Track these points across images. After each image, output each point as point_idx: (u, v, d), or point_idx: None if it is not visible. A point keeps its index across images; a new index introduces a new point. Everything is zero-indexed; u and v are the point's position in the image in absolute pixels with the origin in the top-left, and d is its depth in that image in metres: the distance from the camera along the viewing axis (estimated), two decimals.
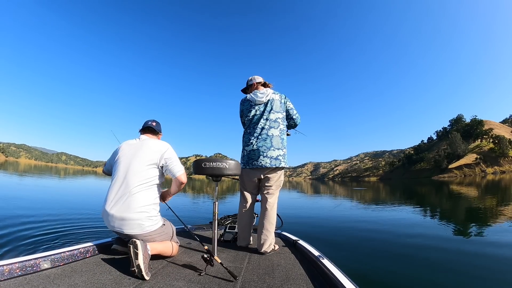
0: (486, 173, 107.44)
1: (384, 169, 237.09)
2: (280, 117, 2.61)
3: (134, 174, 1.97)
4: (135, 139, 2.22)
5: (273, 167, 2.48)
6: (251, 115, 2.63)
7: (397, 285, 3.09)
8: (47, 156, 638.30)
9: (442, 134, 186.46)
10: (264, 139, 2.51)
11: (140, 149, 2.08)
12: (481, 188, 24.97)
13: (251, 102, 2.65)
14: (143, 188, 1.95)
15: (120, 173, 1.99)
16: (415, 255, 4.04)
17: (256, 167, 2.51)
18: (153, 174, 2.05)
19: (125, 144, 2.18)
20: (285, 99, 2.70)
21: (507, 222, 7.02)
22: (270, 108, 2.59)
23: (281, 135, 2.57)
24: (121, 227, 1.87)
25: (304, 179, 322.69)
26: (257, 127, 2.57)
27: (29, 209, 6.67)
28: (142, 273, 1.61)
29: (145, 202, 1.93)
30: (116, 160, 2.09)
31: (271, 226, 2.42)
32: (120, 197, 1.90)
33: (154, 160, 2.06)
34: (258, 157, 2.49)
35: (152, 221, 1.95)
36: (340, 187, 39.02)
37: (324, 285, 1.63)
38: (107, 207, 1.90)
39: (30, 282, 1.49)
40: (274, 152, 2.48)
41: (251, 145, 2.54)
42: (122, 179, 1.96)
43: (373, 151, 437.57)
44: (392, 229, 6.12)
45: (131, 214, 1.86)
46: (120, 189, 1.93)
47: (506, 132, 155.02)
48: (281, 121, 2.61)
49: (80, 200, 10.28)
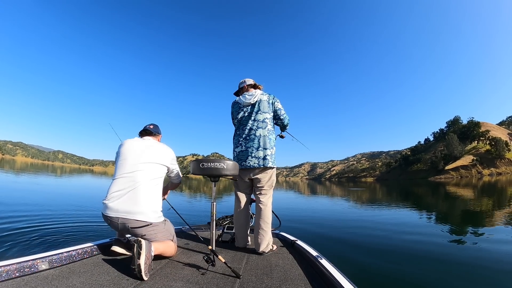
0: (483, 175, 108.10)
1: (380, 169, 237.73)
2: (268, 117, 2.63)
3: (142, 170, 2.00)
4: (141, 138, 2.25)
5: (261, 167, 2.51)
6: (240, 117, 2.67)
7: (395, 285, 3.10)
8: (44, 154, 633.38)
9: (439, 136, 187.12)
10: (252, 140, 2.55)
11: (149, 148, 2.12)
12: (478, 190, 25.11)
13: (240, 104, 2.69)
14: (149, 184, 2.00)
15: (126, 169, 2.00)
16: (413, 255, 4.06)
17: (245, 167, 2.54)
18: (160, 172, 2.12)
19: (130, 141, 2.18)
20: (274, 99, 2.71)
21: (503, 222, 7.07)
22: (258, 109, 2.61)
23: (269, 135, 2.59)
24: (126, 217, 1.88)
25: (301, 179, 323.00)
26: (245, 128, 2.61)
27: (27, 209, 6.61)
28: (142, 273, 1.62)
29: (150, 196, 1.98)
30: (120, 156, 2.10)
31: (267, 226, 2.43)
32: (127, 192, 1.92)
33: (163, 161, 2.14)
34: (246, 158, 2.53)
35: (156, 214, 2.00)
36: (336, 188, 39.12)
37: (323, 285, 1.63)
38: (111, 201, 1.91)
39: (28, 284, 1.47)
40: (262, 152, 2.51)
41: (240, 146, 2.60)
42: (129, 174, 1.98)
43: (370, 151, 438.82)
44: (390, 229, 6.14)
45: (137, 207, 1.89)
46: (127, 183, 1.94)
47: (502, 134, 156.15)
48: (269, 121, 2.63)
49: (78, 199, 10.22)
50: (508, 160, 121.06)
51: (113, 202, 1.91)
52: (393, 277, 3.28)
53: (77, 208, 7.51)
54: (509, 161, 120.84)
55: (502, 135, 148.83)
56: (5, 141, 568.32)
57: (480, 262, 3.77)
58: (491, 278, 3.24)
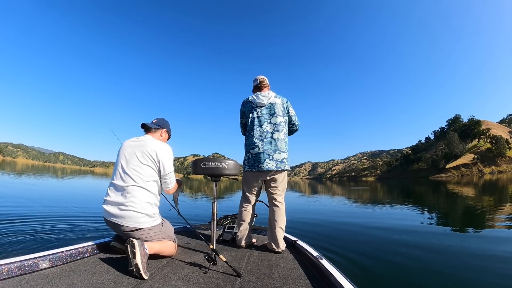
0: (484, 173, 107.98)
1: (381, 168, 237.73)
2: (283, 120, 2.66)
3: (131, 171, 1.98)
4: (136, 137, 2.21)
5: (279, 169, 2.53)
6: (253, 117, 2.65)
7: (396, 285, 3.09)
8: (45, 156, 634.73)
9: (440, 134, 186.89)
10: (270, 142, 2.56)
11: (140, 148, 2.08)
12: (479, 188, 25.05)
13: (253, 104, 2.68)
14: (140, 186, 1.96)
15: (119, 170, 2.02)
16: (414, 256, 4.04)
17: (261, 170, 2.53)
18: (151, 175, 2.04)
19: (126, 142, 2.19)
20: (287, 103, 2.74)
21: (504, 221, 7.06)
22: (274, 112, 2.63)
23: (285, 138, 2.63)
24: (118, 222, 1.88)
25: (302, 179, 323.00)
26: (261, 130, 2.60)
27: (27, 208, 6.62)
28: (140, 272, 1.61)
29: (142, 200, 1.94)
30: (117, 157, 2.12)
31: (284, 225, 2.49)
32: (119, 193, 1.93)
33: (151, 163, 2.05)
34: (264, 160, 2.52)
35: (149, 217, 1.96)
36: (337, 187, 39.05)
37: (323, 285, 1.63)
38: (106, 203, 1.94)
39: (28, 282, 1.48)
40: (280, 155, 2.54)
41: (256, 148, 2.57)
42: (121, 176, 1.99)
43: (371, 151, 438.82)
44: (390, 229, 6.12)
45: (127, 212, 1.88)
46: (119, 185, 1.95)
47: (503, 132, 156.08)
48: (284, 125, 2.66)
49: (78, 199, 10.22)
50: (509, 158, 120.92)
51: (107, 206, 1.93)
52: (393, 278, 3.26)
53: (77, 207, 7.51)
54: (510, 159, 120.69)
55: (503, 133, 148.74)
56: (6, 143, 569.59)
57: (480, 262, 3.76)
58: (491, 278, 3.23)
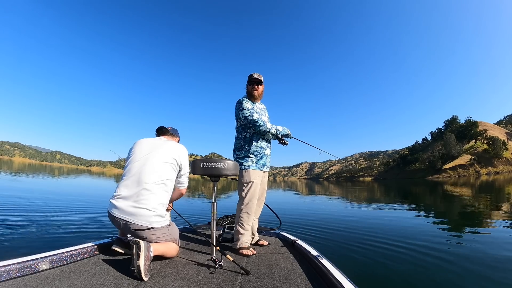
0: (480, 174, 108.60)
1: (378, 169, 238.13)
2: None
3: (149, 171, 1.96)
4: (150, 138, 2.20)
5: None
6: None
7: (396, 285, 3.09)
8: (42, 155, 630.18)
9: (437, 135, 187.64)
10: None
11: (160, 147, 2.06)
12: (475, 189, 25.24)
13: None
14: (156, 186, 1.96)
15: (135, 168, 1.98)
16: (413, 255, 4.05)
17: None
18: (169, 173, 2.05)
19: (141, 140, 2.16)
20: None
21: (500, 221, 7.10)
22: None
23: None
24: (129, 220, 1.87)
25: (299, 179, 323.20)
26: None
27: (27, 209, 6.57)
28: (141, 274, 1.62)
29: (157, 200, 1.94)
30: (131, 155, 2.07)
31: None
32: (133, 192, 1.91)
33: (172, 161, 2.05)
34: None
35: (160, 217, 1.97)
36: (335, 187, 39.18)
37: (323, 285, 1.63)
38: (117, 200, 1.92)
39: (28, 283, 1.47)
40: None
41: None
42: (137, 174, 1.96)
43: (368, 151, 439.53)
44: (389, 229, 6.14)
45: (141, 210, 1.87)
46: (133, 184, 1.93)
47: (500, 133, 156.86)
48: None
49: (78, 199, 10.18)
50: (506, 159, 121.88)
51: (119, 203, 1.90)
52: (393, 277, 3.27)
53: (77, 207, 7.48)
54: (506, 160, 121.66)
55: (500, 134, 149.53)
56: (3, 142, 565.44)
57: (480, 262, 3.78)
58: (491, 277, 3.24)
